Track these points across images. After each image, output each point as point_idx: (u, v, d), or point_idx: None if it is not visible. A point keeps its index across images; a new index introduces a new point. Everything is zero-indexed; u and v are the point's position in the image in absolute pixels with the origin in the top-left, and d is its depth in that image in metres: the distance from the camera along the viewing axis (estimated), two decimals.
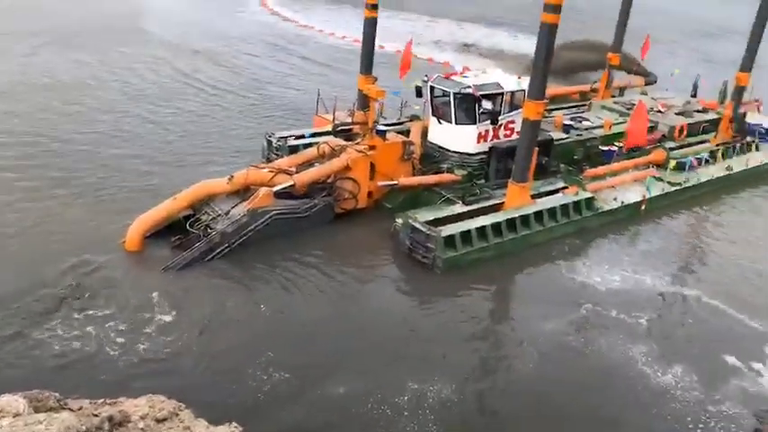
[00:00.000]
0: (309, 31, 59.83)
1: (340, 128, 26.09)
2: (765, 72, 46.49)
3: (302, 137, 26.52)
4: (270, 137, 26.53)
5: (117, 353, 15.40)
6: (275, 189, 21.08)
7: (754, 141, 32.39)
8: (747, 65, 31.15)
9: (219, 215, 20.46)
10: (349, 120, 27.40)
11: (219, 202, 21.12)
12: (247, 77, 41.08)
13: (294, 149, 25.19)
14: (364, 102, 26.16)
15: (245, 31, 56.58)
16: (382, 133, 23.43)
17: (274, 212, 20.68)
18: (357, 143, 23.51)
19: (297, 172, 22.24)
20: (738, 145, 31.55)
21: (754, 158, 31.15)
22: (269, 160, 25.11)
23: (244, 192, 21.35)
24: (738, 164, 30.12)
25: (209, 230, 19.91)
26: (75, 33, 46.31)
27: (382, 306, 18.55)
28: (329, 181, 22.72)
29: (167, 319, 16.75)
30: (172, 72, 40.47)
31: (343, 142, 23.86)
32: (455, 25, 70.37)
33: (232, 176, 21.12)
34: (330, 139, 24.38)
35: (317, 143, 23.92)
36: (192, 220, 20.54)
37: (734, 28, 67.75)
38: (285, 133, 26.96)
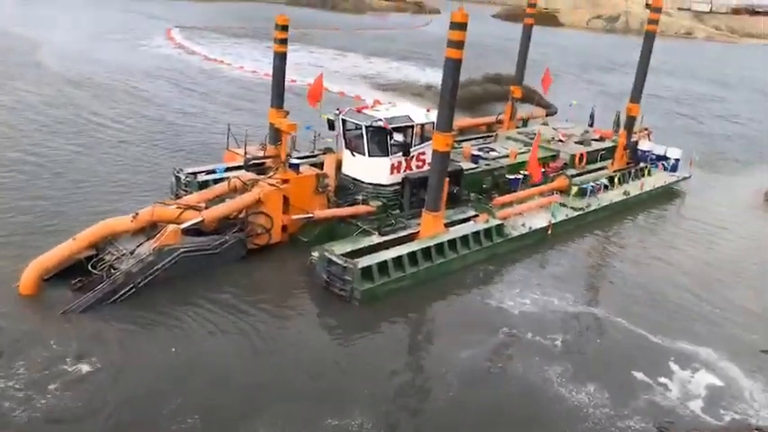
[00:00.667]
0: (218, 65, 59.29)
1: (252, 162, 25.74)
2: (653, 102, 50.10)
3: (213, 172, 25.95)
4: (178, 173, 25.79)
5: (18, 413, 14.13)
6: (183, 226, 20.40)
7: (646, 167, 34.69)
8: (636, 96, 33.52)
9: (124, 254, 19.57)
10: (261, 154, 27.11)
11: (125, 241, 20.20)
12: (154, 112, 39.98)
13: (204, 185, 24.58)
14: (276, 135, 25.99)
15: (151, 65, 55.27)
16: (295, 166, 23.30)
17: (182, 250, 19.95)
18: (270, 177, 23.22)
19: (207, 208, 21.67)
20: (633, 171, 33.70)
21: (648, 183, 33.30)
22: (178, 197, 24.37)
23: (150, 230, 20.53)
24: (634, 188, 32.10)
25: (112, 271, 18.96)
26: None
27: (300, 342, 18.15)
28: (241, 216, 22.26)
29: (68, 368, 15.64)
30: (73, 108, 38.77)
31: (256, 176, 23.51)
32: (364, 59, 71.76)
33: (137, 214, 20.24)
34: (242, 173, 23.97)
35: (227, 178, 23.44)
36: (94, 260, 19.52)
37: (627, 62, 72.60)
38: (195, 169, 26.29)
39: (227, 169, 25.83)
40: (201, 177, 25.32)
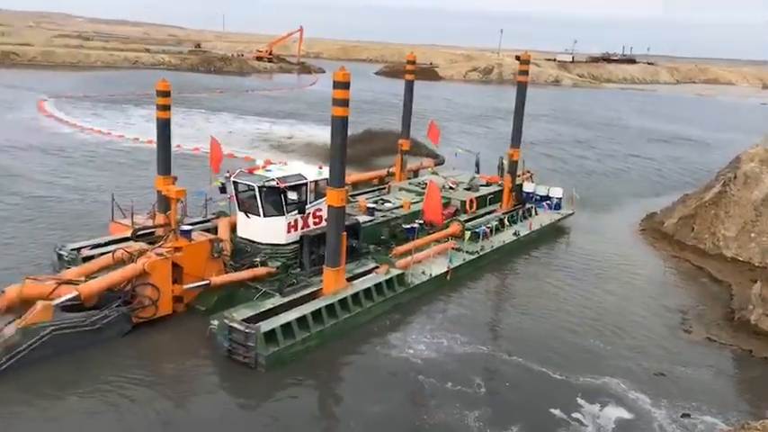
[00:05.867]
0: (95, 134, 56.87)
1: (141, 232, 24.60)
2: (531, 146, 53.24)
3: (98, 246, 24.51)
4: (60, 249, 24.18)
5: None
6: (56, 302, 19.04)
7: (532, 207, 36.59)
8: (516, 142, 35.58)
9: None
10: (150, 222, 26.02)
11: None
12: (28, 187, 37.48)
13: (89, 260, 23.10)
14: (165, 203, 25.10)
15: (22, 137, 52.09)
16: (187, 233, 22.51)
17: (52, 328, 18.55)
18: (160, 246, 22.26)
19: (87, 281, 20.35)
20: (521, 212, 35.41)
21: (536, 222, 35.06)
22: None
23: (23, 308, 18.97)
24: (523, 228, 33.66)
25: None
26: None
27: (204, 417, 17.13)
28: (126, 288, 21.09)
29: None
30: None
31: (145, 246, 22.46)
32: (253, 121, 71.60)
33: (3, 291, 18.81)
34: (129, 244, 22.83)
35: (114, 251, 22.25)
36: None
37: (505, 109, 76.93)
38: (78, 244, 24.75)
39: (111, 242, 24.50)
40: (85, 252, 23.83)
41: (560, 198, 38.19)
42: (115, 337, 20.08)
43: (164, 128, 26.96)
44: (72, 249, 24.07)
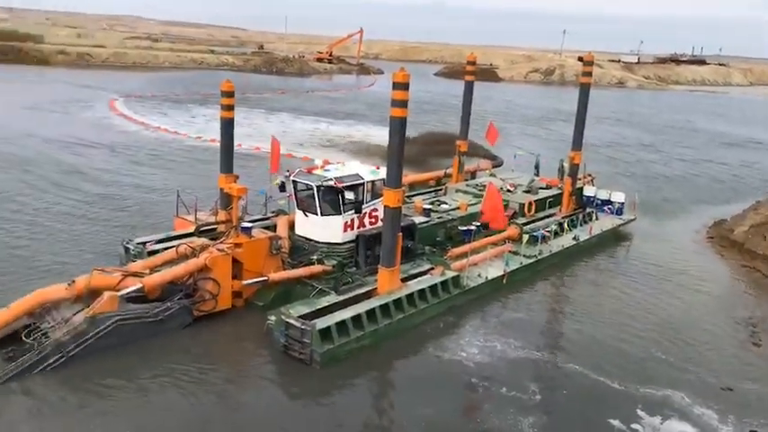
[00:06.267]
0: (160, 132, 58.88)
1: (203, 228, 25.33)
2: (593, 149, 51.98)
3: (163, 240, 25.37)
4: (127, 243, 25.13)
5: None
6: (121, 293, 19.76)
7: (593, 212, 35.71)
8: (578, 144, 34.80)
9: (59, 323, 18.91)
10: (212, 219, 26.75)
11: (64, 310, 19.50)
12: (99, 182, 39.15)
13: (154, 255, 23.91)
14: (227, 200, 25.75)
15: (94, 135, 54.46)
16: (248, 230, 23.03)
17: (117, 318, 19.25)
18: (221, 242, 22.85)
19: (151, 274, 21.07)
20: (581, 216, 34.60)
21: (596, 227, 34.19)
22: None
23: (91, 298, 19.80)
24: (583, 233, 32.88)
25: (43, 340, 18.35)
26: None
27: (260, 410, 17.48)
28: (188, 282, 21.73)
29: None
30: (12, 180, 37.69)
31: (207, 242, 23.10)
32: (312, 120, 72.63)
33: (73, 281, 19.59)
34: (191, 239, 23.52)
35: (177, 246, 22.96)
36: (30, 329, 18.88)
37: (567, 111, 75.39)
38: (144, 238, 25.67)
39: (175, 237, 25.29)
40: (151, 247, 24.71)
41: (622, 203, 37.12)
42: (176, 329, 20.72)
43: (227, 127, 27.65)
44: (138, 243, 24.99)
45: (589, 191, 37.90)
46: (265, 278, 22.83)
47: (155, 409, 16.95)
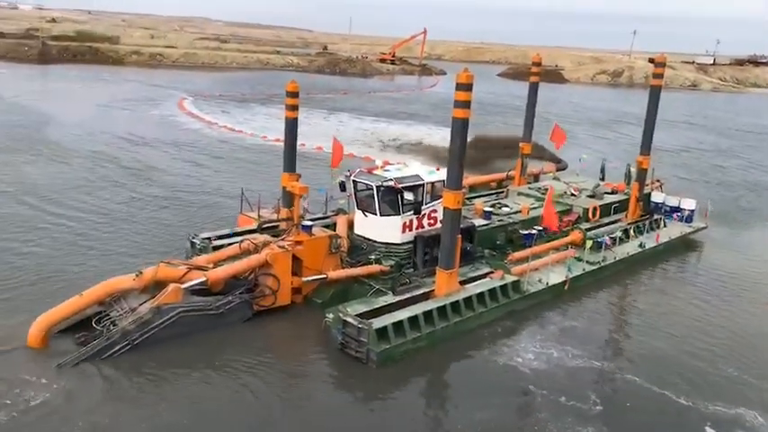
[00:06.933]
0: (224, 131, 60.37)
1: (266, 225, 25.83)
2: (662, 155, 50.13)
3: (227, 236, 26.04)
4: (193, 238, 25.90)
5: None
6: (185, 285, 20.39)
7: (660, 218, 34.41)
8: (646, 148, 33.62)
9: (127, 312, 19.75)
10: (275, 217, 27.25)
11: (132, 299, 20.33)
12: (165, 178, 40.54)
13: (218, 249, 24.58)
14: (289, 199, 26.18)
15: (162, 132, 56.44)
16: (308, 228, 23.34)
17: (180, 309, 19.88)
18: (282, 239, 23.25)
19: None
20: (648, 223, 33.41)
21: (663, 234, 32.95)
22: None
23: (158, 289, 20.52)
24: (650, 240, 31.74)
25: (111, 327, 19.20)
26: None
27: (316, 406, 17.69)
28: (250, 277, 22.18)
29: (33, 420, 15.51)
30: (88, 173, 39.50)
31: (269, 238, 23.55)
32: (372, 121, 73.02)
33: (140, 272, 20.36)
34: (254, 236, 24.03)
35: (240, 241, 23.52)
36: (100, 316, 19.81)
37: (636, 114, 73.00)
38: (208, 234, 26.41)
39: (239, 233, 25.94)
40: (215, 242, 25.40)
41: (693, 210, 35.62)
42: (237, 323, 21.21)
43: (291, 127, 28.13)
44: (204, 238, 25.73)
45: (657, 197, 36.57)
46: (324, 276, 23.07)
47: (210, 400, 17.36)
